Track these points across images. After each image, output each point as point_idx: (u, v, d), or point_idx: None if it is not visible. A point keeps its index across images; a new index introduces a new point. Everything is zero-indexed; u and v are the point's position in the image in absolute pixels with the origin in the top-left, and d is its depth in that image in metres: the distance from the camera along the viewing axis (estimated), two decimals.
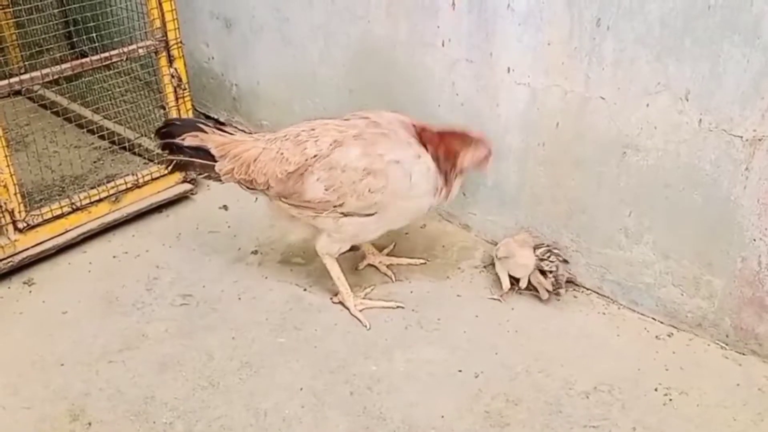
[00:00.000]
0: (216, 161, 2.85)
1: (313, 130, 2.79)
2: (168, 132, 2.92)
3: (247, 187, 2.86)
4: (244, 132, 2.99)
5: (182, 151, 2.90)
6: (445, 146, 2.77)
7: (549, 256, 2.88)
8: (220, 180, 2.90)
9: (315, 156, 2.71)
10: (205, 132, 2.88)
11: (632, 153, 2.69)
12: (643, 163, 2.68)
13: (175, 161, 2.95)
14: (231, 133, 2.91)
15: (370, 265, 3.19)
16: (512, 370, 2.67)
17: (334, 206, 2.74)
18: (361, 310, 2.93)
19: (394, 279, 3.12)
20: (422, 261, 3.21)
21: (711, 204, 2.57)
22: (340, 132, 2.75)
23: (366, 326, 2.87)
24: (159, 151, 3.02)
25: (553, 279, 2.87)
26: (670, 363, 2.68)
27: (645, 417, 2.47)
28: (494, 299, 3.00)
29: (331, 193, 2.71)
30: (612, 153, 2.75)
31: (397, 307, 2.97)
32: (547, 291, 2.92)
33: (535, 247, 2.94)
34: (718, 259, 2.63)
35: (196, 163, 2.92)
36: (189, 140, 2.87)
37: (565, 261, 2.91)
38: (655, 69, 2.53)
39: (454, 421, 2.47)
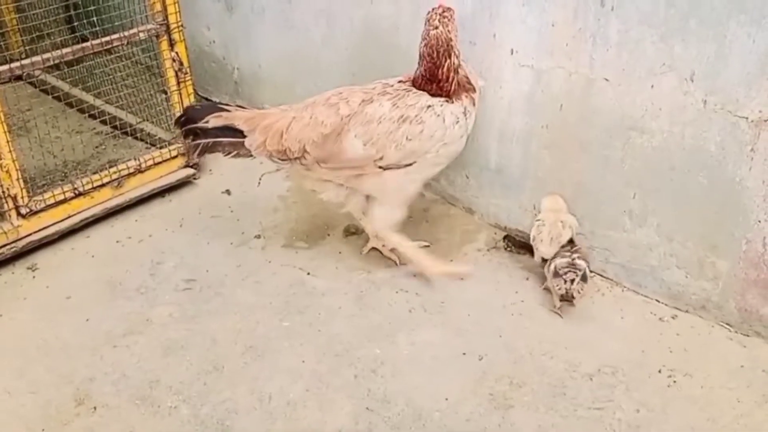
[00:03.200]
0: (244, 137, 2.84)
1: (341, 93, 2.84)
2: (189, 118, 2.90)
3: (279, 159, 2.86)
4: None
5: (207, 134, 2.88)
6: (430, 75, 2.77)
7: (566, 272, 2.73)
8: (251, 155, 2.88)
9: (348, 115, 2.76)
10: (228, 110, 2.88)
11: (637, 135, 2.68)
12: (648, 144, 2.67)
13: (201, 146, 2.91)
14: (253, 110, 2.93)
15: (374, 248, 3.19)
16: (516, 352, 2.67)
17: (374, 160, 2.77)
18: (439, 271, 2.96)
19: (398, 262, 3.12)
20: (426, 244, 3.20)
21: (716, 186, 2.56)
22: (366, 93, 2.81)
23: (462, 277, 2.95)
24: (182, 138, 3.03)
25: (563, 292, 2.75)
26: (674, 345, 2.68)
27: (649, 399, 2.47)
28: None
29: (370, 147, 2.74)
30: (617, 135, 2.74)
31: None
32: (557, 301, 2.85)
33: (558, 255, 2.81)
34: (722, 241, 2.62)
35: (224, 143, 2.89)
36: (213, 121, 2.86)
37: (584, 278, 2.74)
38: (660, 50, 2.51)
39: (458, 403, 2.47)
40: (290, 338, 2.75)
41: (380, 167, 2.79)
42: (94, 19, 3.30)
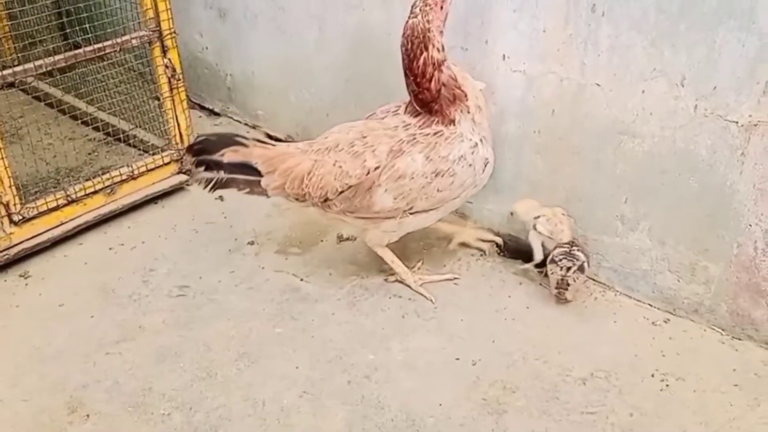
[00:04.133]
0: (260, 176, 2.76)
1: (365, 137, 2.72)
2: (203, 149, 2.81)
3: (296, 200, 2.81)
4: (282, 141, 2.89)
5: (222, 168, 2.79)
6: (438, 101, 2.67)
7: (561, 260, 2.79)
8: (266, 195, 2.81)
9: (377, 168, 2.67)
10: (245, 146, 2.78)
11: (628, 139, 2.69)
12: (639, 149, 2.68)
13: (215, 181, 2.82)
14: (273, 145, 2.82)
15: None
16: (509, 357, 2.67)
17: (404, 210, 2.75)
18: (421, 285, 2.97)
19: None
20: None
21: (707, 190, 2.57)
22: (391, 137, 2.70)
23: (432, 300, 2.92)
24: (194, 168, 2.88)
25: (559, 279, 2.79)
26: (667, 349, 2.69)
27: (642, 403, 2.48)
28: (524, 268, 3.02)
29: (401, 201, 2.71)
30: (608, 140, 2.74)
31: (455, 278, 3.02)
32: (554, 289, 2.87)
33: (559, 245, 2.87)
34: (714, 245, 2.63)
35: (238, 180, 2.81)
36: (229, 156, 2.76)
37: (581, 269, 2.79)
38: (650, 55, 2.52)
39: (451, 408, 2.48)
40: (283, 344, 2.75)
41: (407, 214, 2.77)
42: (87, 25, 3.29)
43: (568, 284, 2.78)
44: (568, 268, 2.77)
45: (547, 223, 2.93)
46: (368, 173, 2.68)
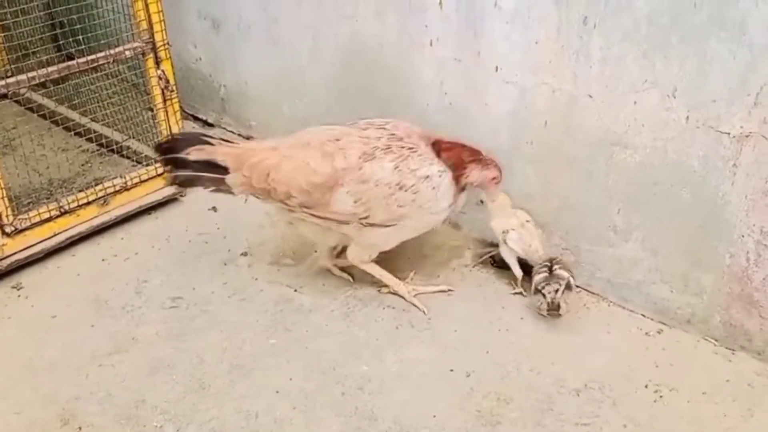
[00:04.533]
0: (226, 173, 2.77)
1: (338, 140, 2.74)
2: (170, 147, 2.84)
3: (263, 197, 2.82)
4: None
5: (188, 166, 2.81)
6: (456, 156, 2.78)
7: (545, 286, 2.77)
8: (232, 192, 2.83)
9: (344, 168, 2.68)
10: (211, 144, 2.81)
11: (620, 150, 2.70)
12: (632, 160, 2.69)
13: (181, 178, 2.86)
14: (238, 144, 2.84)
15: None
16: (503, 368, 2.67)
17: (360, 218, 2.74)
18: (414, 296, 2.97)
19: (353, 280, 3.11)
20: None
21: (699, 201, 2.58)
22: (365, 144, 2.72)
23: (424, 311, 2.91)
24: (163, 167, 2.89)
25: (549, 302, 2.78)
26: (660, 359, 2.69)
27: (635, 414, 2.47)
28: (516, 293, 3.01)
29: (360, 206, 2.71)
30: (600, 151, 2.76)
31: (448, 290, 3.02)
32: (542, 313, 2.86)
33: (537, 270, 2.85)
34: (706, 256, 2.64)
35: (204, 178, 2.83)
36: (195, 154, 2.79)
37: (569, 286, 2.78)
38: (642, 66, 2.54)
39: (445, 420, 2.47)
40: (277, 356, 2.74)
41: (365, 224, 2.76)
42: (80, 37, 3.30)
43: (559, 306, 2.78)
44: (556, 291, 2.76)
45: (519, 240, 2.94)
46: (335, 173, 2.69)
